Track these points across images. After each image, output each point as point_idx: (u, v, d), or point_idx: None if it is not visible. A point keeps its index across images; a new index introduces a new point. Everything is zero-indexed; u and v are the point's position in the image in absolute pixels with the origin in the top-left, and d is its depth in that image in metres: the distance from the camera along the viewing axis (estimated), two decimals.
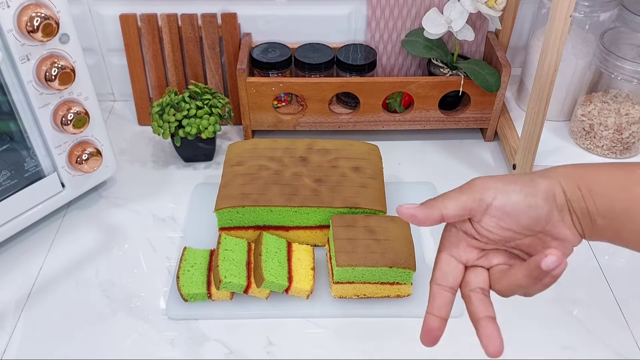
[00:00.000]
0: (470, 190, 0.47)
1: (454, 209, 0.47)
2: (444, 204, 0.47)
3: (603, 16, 0.84)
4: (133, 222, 0.80)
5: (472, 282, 0.49)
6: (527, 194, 0.45)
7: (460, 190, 0.47)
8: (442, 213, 0.47)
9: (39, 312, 0.69)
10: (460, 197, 0.47)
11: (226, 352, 0.65)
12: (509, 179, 0.46)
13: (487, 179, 0.47)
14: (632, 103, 0.82)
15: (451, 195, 0.48)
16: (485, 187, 0.46)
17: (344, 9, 0.93)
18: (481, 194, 0.46)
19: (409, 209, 0.48)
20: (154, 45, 0.91)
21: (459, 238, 0.49)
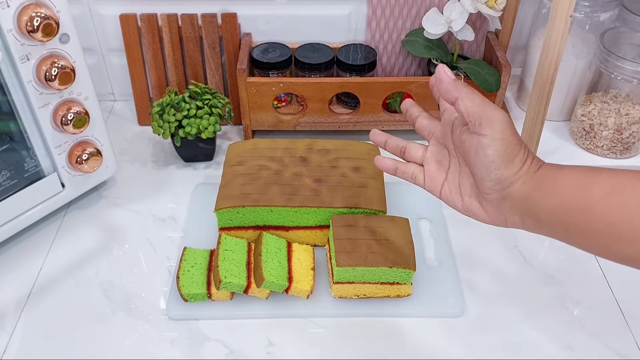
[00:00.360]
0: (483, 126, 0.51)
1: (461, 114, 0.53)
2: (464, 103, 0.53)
3: (603, 16, 0.84)
4: (133, 222, 0.80)
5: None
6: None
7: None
8: (458, 102, 0.53)
9: (39, 312, 0.69)
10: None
11: (226, 352, 0.65)
12: (508, 156, 0.50)
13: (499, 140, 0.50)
14: (632, 103, 0.83)
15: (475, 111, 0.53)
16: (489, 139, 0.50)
17: (344, 9, 0.93)
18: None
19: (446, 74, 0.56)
20: (154, 45, 0.91)
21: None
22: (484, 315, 0.69)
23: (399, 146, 0.62)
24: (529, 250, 0.77)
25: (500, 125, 0.50)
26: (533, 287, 0.72)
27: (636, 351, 0.66)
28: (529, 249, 0.77)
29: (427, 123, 0.60)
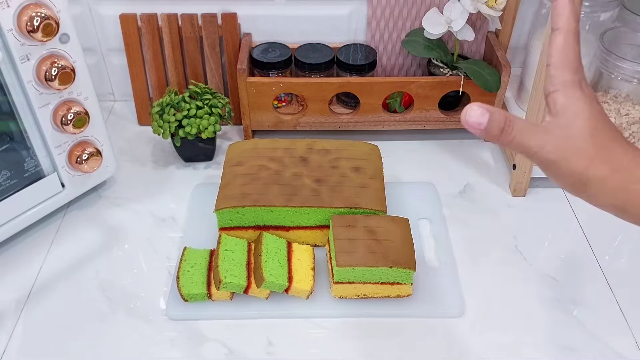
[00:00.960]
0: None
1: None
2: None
3: (603, 16, 0.84)
4: (133, 222, 0.80)
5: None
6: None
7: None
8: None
9: (39, 312, 0.69)
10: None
11: (226, 352, 0.65)
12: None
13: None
14: (632, 103, 0.82)
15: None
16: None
17: (344, 9, 0.93)
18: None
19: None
20: (154, 45, 0.91)
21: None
22: (484, 315, 0.69)
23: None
24: (529, 250, 0.77)
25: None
26: (533, 287, 0.72)
27: (636, 351, 0.66)
28: (529, 249, 0.77)
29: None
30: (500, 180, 0.88)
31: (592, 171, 0.42)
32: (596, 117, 0.43)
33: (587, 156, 0.42)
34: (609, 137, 0.43)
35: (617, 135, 0.44)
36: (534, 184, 0.85)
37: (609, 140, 0.43)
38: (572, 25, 0.45)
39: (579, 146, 0.43)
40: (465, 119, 0.43)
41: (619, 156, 0.43)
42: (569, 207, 0.83)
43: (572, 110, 0.43)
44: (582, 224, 0.81)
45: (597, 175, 0.42)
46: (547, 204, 0.84)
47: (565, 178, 0.44)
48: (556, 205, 0.84)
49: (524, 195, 0.85)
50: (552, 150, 0.43)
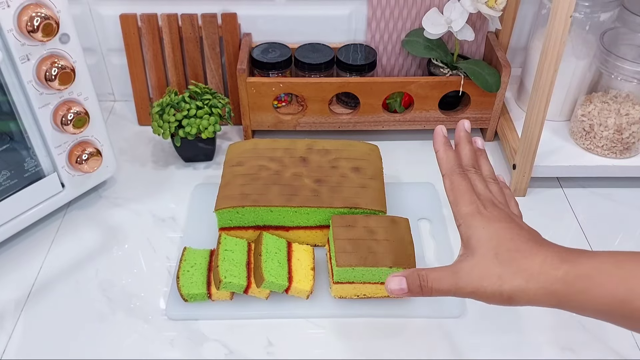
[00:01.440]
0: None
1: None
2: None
3: (603, 17, 0.84)
4: (133, 222, 0.80)
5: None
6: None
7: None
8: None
9: (38, 312, 0.69)
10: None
11: (226, 353, 0.65)
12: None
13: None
14: (632, 103, 0.83)
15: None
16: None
17: (344, 9, 0.93)
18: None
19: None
20: (154, 45, 0.91)
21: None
22: (484, 316, 0.69)
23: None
24: None
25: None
26: None
27: (636, 351, 0.66)
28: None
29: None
30: None
31: (506, 286, 0.46)
32: (497, 236, 0.48)
33: (496, 275, 0.46)
34: (514, 250, 0.47)
35: (523, 245, 0.47)
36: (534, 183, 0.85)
37: (515, 253, 0.47)
38: (453, 169, 0.54)
39: (485, 270, 0.47)
40: (389, 290, 0.50)
41: (527, 265, 0.46)
42: (569, 207, 0.83)
43: (474, 239, 0.48)
44: (582, 224, 0.81)
45: (514, 288, 0.46)
46: (547, 204, 0.84)
47: (489, 300, 0.47)
48: (556, 205, 0.84)
49: (524, 195, 0.85)
50: (466, 285, 0.47)
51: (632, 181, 0.87)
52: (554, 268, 0.45)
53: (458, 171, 0.53)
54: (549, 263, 0.45)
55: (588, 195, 0.86)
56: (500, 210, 0.51)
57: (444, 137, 0.56)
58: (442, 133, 0.57)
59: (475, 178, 0.54)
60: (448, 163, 0.54)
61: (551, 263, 0.45)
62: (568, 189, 0.86)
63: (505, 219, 0.50)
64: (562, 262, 0.45)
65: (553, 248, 0.47)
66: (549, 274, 0.45)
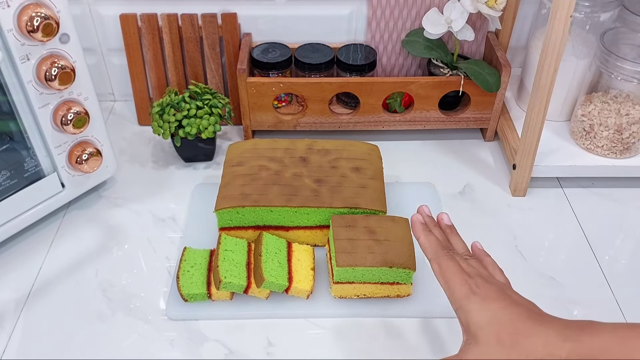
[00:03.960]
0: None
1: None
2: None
3: (603, 16, 0.84)
4: (133, 222, 0.80)
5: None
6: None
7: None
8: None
9: (38, 312, 0.69)
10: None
11: (226, 353, 0.65)
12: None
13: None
14: (632, 103, 0.82)
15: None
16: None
17: (344, 9, 0.93)
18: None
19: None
20: (154, 45, 0.91)
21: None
22: None
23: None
24: (529, 250, 0.77)
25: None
26: (533, 287, 0.72)
27: None
28: (529, 249, 0.77)
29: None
30: (500, 180, 0.88)
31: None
32: (496, 320, 0.48)
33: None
34: (515, 333, 0.47)
35: (523, 326, 0.47)
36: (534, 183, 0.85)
37: (516, 336, 0.47)
38: (438, 252, 0.54)
39: (491, 355, 0.47)
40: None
41: (531, 347, 0.46)
42: (569, 207, 0.83)
43: (473, 325, 0.48)
44: (582, 224, 0.81)
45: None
46: (547, 204, 0.84)
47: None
48: (556, 205, 0.84)
49: (524, 195, 0.85)
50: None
51: (632, 181, 0.87)
52: (558, 348, 0.45)
53: (444, 253, 0.54)
54: (552, 344, 0.45)
55: (588, 195, 0.86)
56: (491, 284, 0.51)
57: (421, 224, 0.57)
58: (419, 220, 0.57)
59: (458, 257, 0.55)
60: (432, 248, 0.54)
61: (554, 344, 0.45)
62: (568, 189, 0.86)
63: (499, 296, 0.50)
64: (564, 341, 0.45)
65: (553, 325, 0.47)
66: (553, 355, 0.45)
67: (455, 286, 0.51)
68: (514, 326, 0.47)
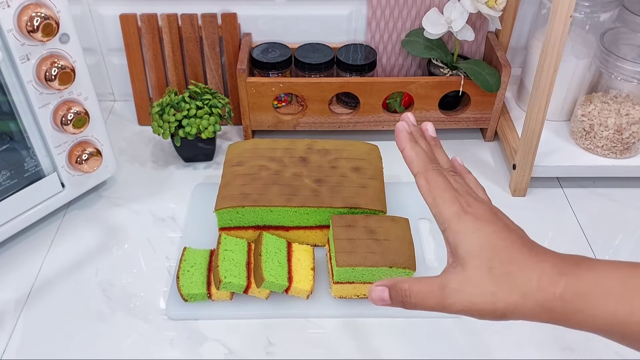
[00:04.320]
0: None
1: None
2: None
3: (603, 16, 0.84)
4: (133, 222, 0.80)
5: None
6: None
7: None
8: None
9: (38, 312, 0.69)
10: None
11: (226, 352, 0.65)
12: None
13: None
14: (632, 103, 0.83)
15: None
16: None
17: (344, 9, 0.93)
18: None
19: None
20: (154, 45, 0.91)
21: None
22: None
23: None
24: None
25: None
26: None
27: (636, 351, 0.66)
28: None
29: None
30: (500, 180, 0.88)
31: (500, 304, 0.42)
32: (490, 246, 0.43)
33: (489, 292, 0.42)
34: (508, 262, 0.43)
35: (518, 255, 0.43)
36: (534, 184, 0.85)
37: (509, 266, 0.42)
38: (426, 166, 0.48)
39: (478, 286, 0.42)
40: (370, 299, 0.46)
41: (524, 280, 0.42)
42: (569, 207, 0.83)
43: (462, 248, 0.43)
44: (582, 224, 0.81)
45: (509, 305, 0.42)
46: (547, 204, 0.84)
47: (481, 317, 0.43)
48: (556, 205, 0.84)
49: (524, 195, 0.85)
50: (455, 302, 0.43)
51: (632, 181, 0.87)
52: (552, 284, 0.41)
53: (432, 167, 0.48)
54: (547, 277, 0.41)
55: (588, 195, 0.86)
56: (482, 204, 0.47)
57: (407, 133, 0.50)
58: (405, 129, 0.50)
59: (445, 173, 0.49)
60: (419, 160, 0.49)
61: (549, 277, 0.41)
62: (568, 189, 0.86)
63: (492, 219, 0.46)
64: (560, 275, 0.41)
65: (549, 258, 0.43)
66: (547, 291, 0.41)
67: (445, 204, 0.46)
68: (507, 255, 0.43)
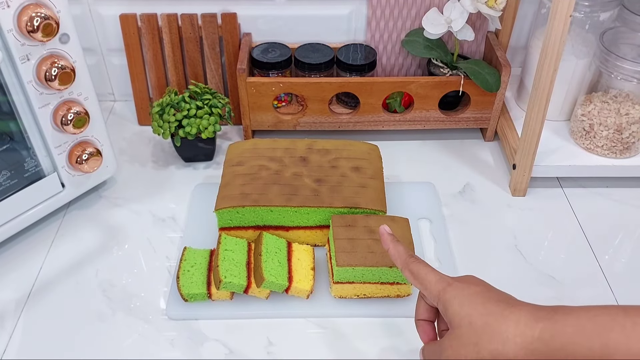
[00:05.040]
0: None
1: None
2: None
3: (603, 16, 0.84)
4: (133, 222, 0.80)
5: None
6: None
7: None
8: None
9: (39, 312, 0.69)
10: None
11: (226, 352, 0.65)
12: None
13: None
14: (632, 103, 0.82)
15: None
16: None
17: (344, 9, 0.93)
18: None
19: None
20: (154, 45, 0.91)
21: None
22: None
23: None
24: (529, 250, 0.77)
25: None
26: (533, 287, 0.72)
27: None
28: (529, 249, 0.77)
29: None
30: (500, 180, 0.88)
31: (484, 352, 0.46)
32: (469, 303, 0.49)
33: (472, 344, 0.47)
34: (486, 314, 0.48)
35: (494, 308, 0.48)
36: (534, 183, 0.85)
37: (487, 317, 0.47)
38: (407, 259, 0.55)
39: (462, 340, 0.48)
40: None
41: (502, 328, 0.46)
42: (569, 207, 0.83)
43: (450, 311, 0.49)
44: (582, 224, 0.81)
45: (492, 351, 0.46)
46: (547, 203, 0.84)
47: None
48: (556, 205, 0.84)
49: (524, 195, 0.85)
50: (447, 357, 0.49)
51: (632, 181, 0.87)
52: (530, 328, 0.45)
53: (412, 260, 0.55)
54: (524, 323, 0.45)
55: (588, 195, 0.86)
56: (467, 276, 0.53)
57: (389, 235, 0.58)
58: (387, 232, 0.59)
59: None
60: (401, 256, 0.56)
61: (526, 323, 0.45)
62: (568, 188, 0.86)
63: (474, 281, 0.51)
64: (537, 321, 0.45)
65: (525, 307, 0.47)
66: (525, 335, 0.45)
67: (432, 285, 0.52)
68: (485, 308, 0.48)
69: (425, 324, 0.56)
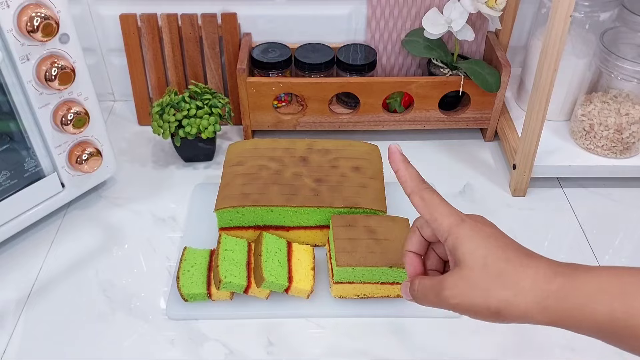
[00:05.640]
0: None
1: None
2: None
3: (603, 16, 0.84)
4: (133, 222, 0.80)
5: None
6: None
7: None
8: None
9: (39, 312, 0.69)
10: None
11: (226, 352, 0.65)
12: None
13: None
14: (632, 103, 0.82)
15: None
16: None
17: (344, 9, 0.93)
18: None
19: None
20: (154, 45, 0.91)
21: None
22: None
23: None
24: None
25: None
26: None
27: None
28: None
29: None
30: (500, 180, 0.88)
31: (493, 300, 0.43)
32: (486, 245, 0.45)
33: (483, 288, 0.44)
34: (504, 260, 0.44)
35: (513, 255, 0.44)
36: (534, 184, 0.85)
37: (504, 263, 0.44)
38: (419, 185, 0.51)
39: (472, 282, 0.44)
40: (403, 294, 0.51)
41: (518, 277, 0.43)
42: (569, 207, 0.83)
43: (460, 251, 0.45)
44: (582, 224, 0.81)
45: (501, 301, 0.43)
46: (547, 204, 0.84)
47: (475, 314, 0.45)
48: (556, 205, 0.84)
49: (524, 195, 0.85)
50: (450, 296, 0.45)
51: (632, 181, 0.87)
52: (547, 282, 0.42)
53: (425, 186, 0.51)
54: (542, 276, 0.42)
55: (588, 195, 0.86)
56: (477, 214, 0.49)
57: (400, 154, 0.53)
58: (398, 151, 0.53)
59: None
60: (412, 180, 0.51)
61: (544, 276, 0.42)
62: (568, 188, 0.86)
63: (488, 223, 0.47)
64: (556, 275, 0.42)
65: (545, 261, 0.44)
66: (541, 288, 0.42)
67: (443, 217, 0.47)
68: (504, 253, 0.44)
69: (414, 257, 0.52)
